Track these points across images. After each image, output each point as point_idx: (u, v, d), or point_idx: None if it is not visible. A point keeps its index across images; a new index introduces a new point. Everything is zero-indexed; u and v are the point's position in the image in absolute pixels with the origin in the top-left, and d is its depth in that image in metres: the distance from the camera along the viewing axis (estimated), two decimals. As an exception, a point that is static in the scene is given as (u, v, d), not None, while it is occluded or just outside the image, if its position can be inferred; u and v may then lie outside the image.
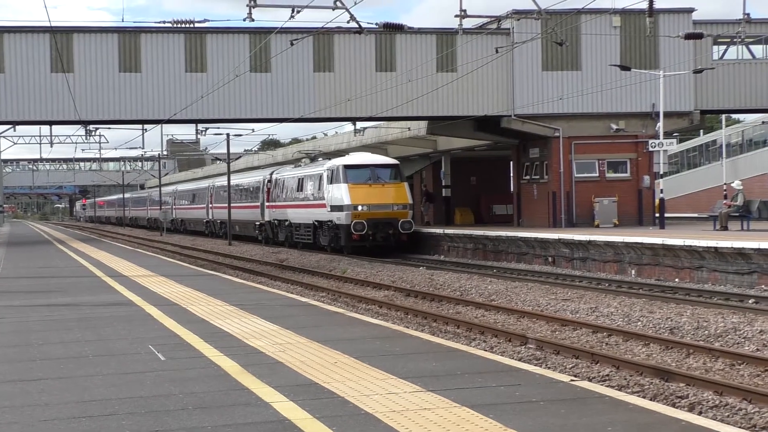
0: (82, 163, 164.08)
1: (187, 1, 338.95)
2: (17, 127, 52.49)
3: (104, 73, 47.54)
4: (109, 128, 62.66)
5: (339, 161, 50.65)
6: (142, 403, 10.91)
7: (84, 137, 61.35)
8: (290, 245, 57.82)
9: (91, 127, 55.79)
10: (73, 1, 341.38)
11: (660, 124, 45.38)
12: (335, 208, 48.87)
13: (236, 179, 73.36)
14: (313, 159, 60.06)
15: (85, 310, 20.79)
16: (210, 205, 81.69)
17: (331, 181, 49.67)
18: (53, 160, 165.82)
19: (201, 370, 12.90)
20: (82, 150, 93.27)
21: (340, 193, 48.49)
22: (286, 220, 58.39)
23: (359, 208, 47.70)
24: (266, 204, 62.77)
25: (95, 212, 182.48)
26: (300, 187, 55.37)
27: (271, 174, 63.11)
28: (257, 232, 66.07)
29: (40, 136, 79.42)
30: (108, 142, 71.99)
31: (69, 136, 76.70)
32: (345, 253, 48.65)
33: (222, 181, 77.12)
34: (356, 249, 48.47)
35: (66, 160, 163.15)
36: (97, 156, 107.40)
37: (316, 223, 52.38)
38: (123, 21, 55.59)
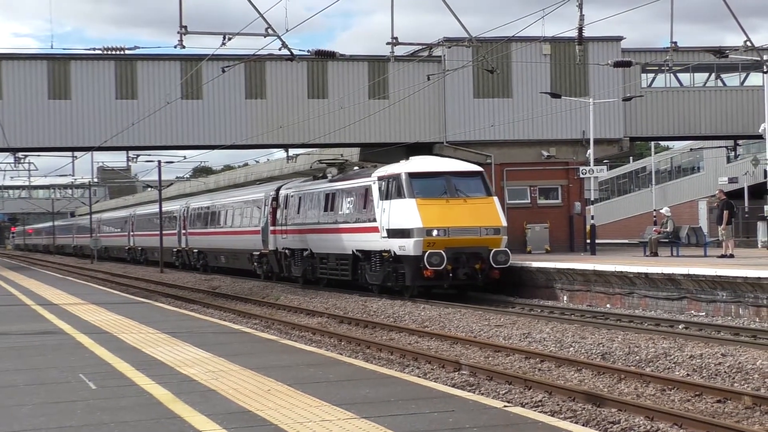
0: (10, 191, 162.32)
1: (112, 29, 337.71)
2: (-56, 154, 51.87)
3: (33, 100, 47.15)
4: (39, 155, 62.08)
5: (398, 167, 37.04)
6: (73, 432, 10.80)
7: (13, 165, 60.68)
8: (306, 281, 45.08)
9: (20, 154, 55.25)
10: (4, 27, 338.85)
11: (590, 151, 45.86)
12: (397, 233, 35.52)
13: (219, 198, 63.78)
14: (341, 168, 46.11)
15: (15, 339, 20.53)
16: (183, 231, 68.37)
17: (387, 195, 36.46)
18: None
19: (133, 398, 12.79)
20: (11, 177, 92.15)
21: (404, 212, 35.32)
22: (305, 250, 44.27)
23: (434, 233, 34.59)
24: (271, 228, 48.55)
25: (24, 240, 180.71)
26: (329, 205, 41.83)
27: (278, 190, 49.12)
28: (255, 264, 51.64)
29: (-32, 163, 78.42)
30: (37, 170, 71.14)
31: (-3, 163, 75.81)
32: (407, 296, 35.73)
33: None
34: (424, 290, 35.96)
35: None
36: (27, 183, 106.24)
37: (357, 253, 38.77)
38: (52, 48, 55.42)
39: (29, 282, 45.56)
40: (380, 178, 37.29)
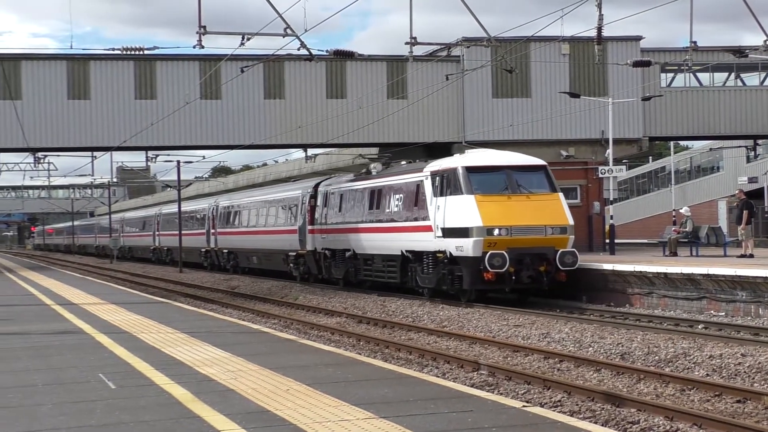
0: (30, 191, 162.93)
1: (129, 29, 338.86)
2: (-35, 155, 52.10)
3: (53, 100, 47.31)
4: (58, 155, 62.23)
5: (454, 161, 34.53)
6: (92, 432, 10.82)
7: (32, 165, 60.85)
8: (347, 283, 42.15)
9: (39, 154, 55.42)
10: (18, 27, 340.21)
11: (609, 151, 45.74)
12: (454, 232, 32.79)
13: (251, 195, 60.58)
14: (386, 164, 42.39)
15: (35, 338, 20.59)
16: (212, 230, 65.71)
17: (441, 191, 33.74)
18: (1, 188, 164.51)
19: (152, 398, 12.81)
20: (31, 177, 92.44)
21: (462, 209, 32.63)
22: (348, 250, 41.46)
23: (495, 232, 31.84)
24: (309, 228, 45.83)
25: (44, 240, 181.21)
26: (375, 202, 39.08)
27: (316, 187, 46.18)
28: (291, 266, 48.82)
29: (-13, 163, 78.74)
30: (57, 170, 71.32)
31: (17, 163, 76.06)
32: (463, 301, 33.01)
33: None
34: (482, 294, 33.41)
35: (14, 188, 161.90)
36: (46, 183, 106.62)
37: (407, 254, 36.09)
38: (71, 48, 55.61)
39: (49, 282, 45.68)
40: (433, 173, 34.49)
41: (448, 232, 32.96)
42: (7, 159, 69.91)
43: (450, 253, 32.81)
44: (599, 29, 30.96)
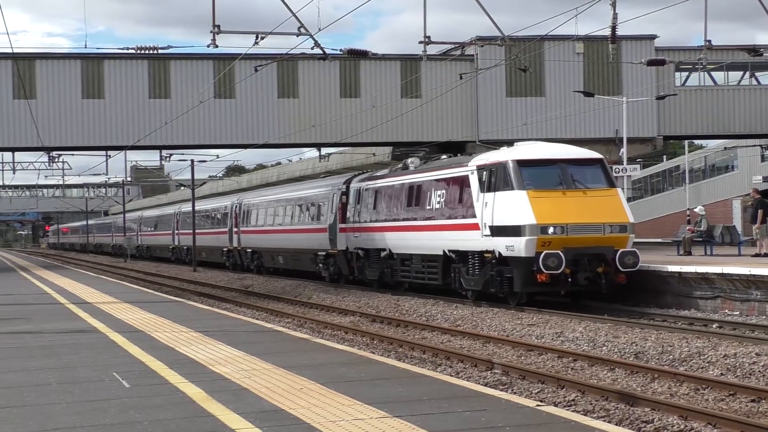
0: (45, 190, 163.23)
1: (141, 28, 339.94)
2: (-21, 154, 52.26)
3: (67, 100, 47.43)
4: (73, 155, 62.40)
5: (503, 154, 32.05)
6: (106, 430, 10.84)
7: (47, 164, 61.06)
8: (381, 285, 40.05)
9: (54, 153, 55.58)
10: (32, 27, 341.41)
11: (624, 150, 45.66)
12: (504, 231, 30.52)
13: (277, 193, 57.58)
14: (425, 158, 40.17)
15: (49, 337, 20.63)
16: (235, 229, 63.27)
17: (489, 187, 31.46)
18: (16, 187, 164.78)
19: (166, 397, 12.82)
20: (45, 176, 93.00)
21: (513, 206, 30.39)
22: (383, 250, 39.34)
23: (550, 230, 29.65)
24: (340, 226, 43.70)
25: (58, 239, 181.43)
26: (414, 198, 36.87)
27: (348, 183, 44.07)
28: (320, 266, 46.74)
29: (2, 162, 78.97)
30: (71, 169, 72.07)
31: (32, 162, 76.30)
32: (513, 305, 30.79)
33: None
34: (532, 297, 31.27)
35: (29, 187, 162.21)
36: (60, 182, 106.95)
37: (450, 254, 33.92)
38: (86, 47, 55.67)
39: (63, 281, 45.77)
40: (480, 168, 32.17)
41: (498, 231, 30.75)
42: (22, 158, 70.15)
43: (499, 253, 30.68)
44: (613, 28, 30.88)
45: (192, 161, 70.35)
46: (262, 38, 31.64)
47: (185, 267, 72.22)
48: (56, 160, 59.15)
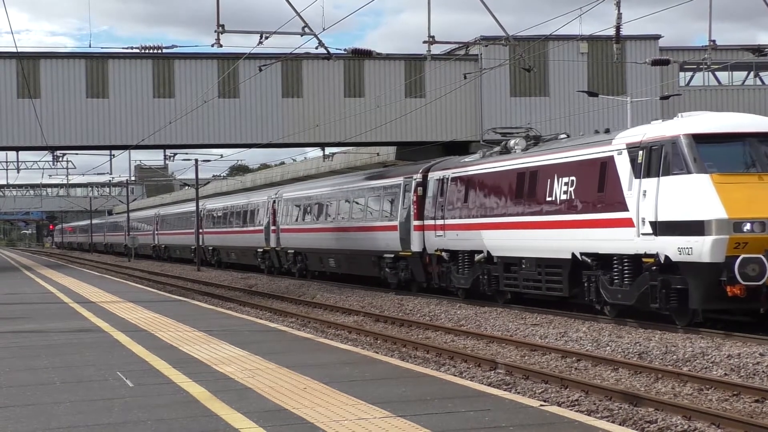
0: (49, 189, 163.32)
1: (141, 28, 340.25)
2: (-17, 153, 52.32)
3: (71, 99, 47.47)
4: (77, 154, 62.47)
5: (668, 127, 24.41)
6: (110, 430, 10.85)
7: (51, 163, 61.11)
8: (473, 295, 33.51)
9: (58, 152, 55.62)
10: (36, 26, 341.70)
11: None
12: (674, 228, 23.18)
13: (328, 185, 48.93)
14: (534, 138, 32.03)
15: (53, 336, 20.64)
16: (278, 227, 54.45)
17: (649, 171, 24.07)
18: (20, 186, 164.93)
19: (169, 396, 12.83)
20: (49, 176, 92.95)
21: (690, 194, 22.95)
22: (478, 252, 32.28)
23: (746, 227, 22.20)
24: (415, 223, 36.92)
25: (63, 238, 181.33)
26: (524, 188, 29.75)
27: (425, 172, 37.16)
28: (387, 270, 39.65)
29: (6, 162, 79.09)
30: (75, 168, 71.77)
31: (36, 161, 76.44)
32: (682, 325, 23.68)
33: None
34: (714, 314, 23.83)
35: (33, 186, 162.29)
36: (65, 182, 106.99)
37: (583, 258, 26.66)
38: (90, 47, 55.67)
39: (67, 280, 45.81)
40: (633, 146, 24.74)
41: (665, 228, 23.45)
42: (26, 157, 70.28)
43: (666, 257, 23.42)
44: (617, 28, 30.86)
45: (196, 161, 70.36)
46: (266, 38, 31.65)
47: (209, 269, 66.20)
48: (60, 159, 59.20)
